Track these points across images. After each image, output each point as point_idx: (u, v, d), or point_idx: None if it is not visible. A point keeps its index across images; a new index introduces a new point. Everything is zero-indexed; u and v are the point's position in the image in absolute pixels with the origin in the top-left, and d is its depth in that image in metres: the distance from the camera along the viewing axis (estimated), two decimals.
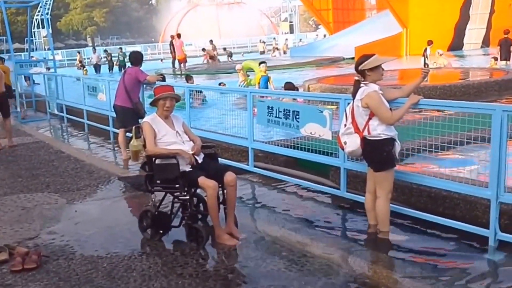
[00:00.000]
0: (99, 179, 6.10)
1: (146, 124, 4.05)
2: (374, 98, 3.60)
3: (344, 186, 4.60)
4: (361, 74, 3.72)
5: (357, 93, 3.68)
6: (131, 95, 6.99)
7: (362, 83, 3.70)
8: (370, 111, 3.62)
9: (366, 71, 3.69)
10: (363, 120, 3.66)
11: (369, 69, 3.68)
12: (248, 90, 5.77)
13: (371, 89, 3.66)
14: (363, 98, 3.62)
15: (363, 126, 3.65)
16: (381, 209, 3.75)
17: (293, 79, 11.50)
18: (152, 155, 3.97)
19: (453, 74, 13.64)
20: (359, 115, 3.67)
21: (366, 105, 3.62)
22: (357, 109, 3.69)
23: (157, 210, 4.05)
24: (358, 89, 3.69)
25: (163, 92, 4.08)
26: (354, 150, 3.69)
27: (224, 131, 6.49)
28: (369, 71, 3.69)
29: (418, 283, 3.23)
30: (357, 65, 3.73)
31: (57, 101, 11.55)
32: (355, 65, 3.79)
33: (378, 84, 3.74)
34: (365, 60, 3.70)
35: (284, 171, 5.65)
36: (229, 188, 3.97)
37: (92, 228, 4.42)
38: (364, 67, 3.69)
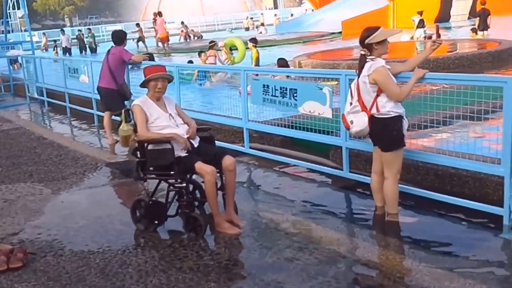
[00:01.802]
0: (85, 166, 5.79)
1: (137, 107, 3.75)
2: (383, 73, 3.36)
3: (346, 166, 4.39)
4: (367, 48, 3.45)
5: (363, 69, 3.42)
6: (116, 76, 6.64)
7: (368, 58, 3.44)
8: (378, 88, 3.38)
9: (373, 44, 3.43)
10: (371, 97, 3.41)
11: (376, 43, 3.43)
12: (242, 68, 5.46)
13: (378, 64, 3.41)
14: (370, 74, 3.37)
15: (370, 103, 3.41)
16: (390, 191, 3.55)
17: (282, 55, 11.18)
18: (144, 140, 3.68)
19: (443, 47, 13.45)
20: (366, 92, 3.43)
21: (373, 81, 3.37)
22: (363, 86, 3.45)
23: (151, 199, 3.79)
24: (364, 64, 3.43)
25: (154, 73, 3.77)
26: (361, 130, 3.46)
27: (215, 111, 6.21)
28: (376, 44, 3.44)
29: (434, 268, 3.05)
30: (363, 39, 3.47)
31: (37, 85, 11.07)
32: (360, 38, 3.52)
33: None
34: (370, 33, 3.44)
35: (281, 152, 5.41)
36: (227, 173, 3.73)
37: (81, 220, 4.14)
38: (371, 41, 3.43)
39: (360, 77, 3.46)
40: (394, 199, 3.57)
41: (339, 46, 16.98)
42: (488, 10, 15.31)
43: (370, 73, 3.37)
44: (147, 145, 3.69)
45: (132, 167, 5.55)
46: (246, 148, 5.50)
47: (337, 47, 16.60)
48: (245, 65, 10.51)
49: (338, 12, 24.08)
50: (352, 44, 17.23)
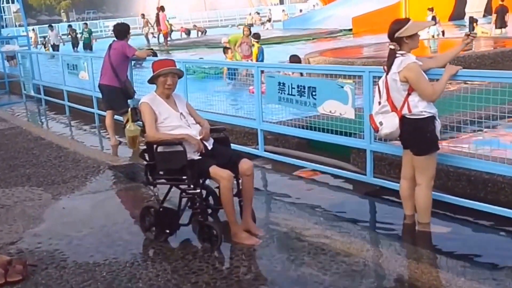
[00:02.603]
0: (87, 169, 5.63)
1: (145, 105, 3.59)
2: (414, 70, 3.19)
3: (370, 170, 4.22)
4: (397, 42, 3.29)
5: (393, 65, 3.25)
6: (118, 73, 6.50)
7: (398, 53, 3.27)
8: (409, 86, 3.21)
9: (404, 38, 3.26)
10: (401, 96, 3.25)
11: (407, 37, 3.26)
12: (256, 65, 5.30)
13: (409, 59, 3.25)
14: (401, 71, 3.20)
15: (401, 103, 3.25)
16: (422, 198, 3.38)
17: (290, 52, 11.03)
18: (154, 142, 3.52)
19: None
20: (396, 91, 3.26)
21: (404, 79, 3.20)
22: (393, 84, 3.28)
23: (161, 205, 3.63)
24: (394, 60, 3.26)
25: (163, 67, 3.61)
26: (392, 132, 3.29)
27: (225, 111, 6.04)
28: (407, 38, 3.28)
29: (473, 282, 2.89)
30: (393, 32, 3.30)
31: (33, 82, 10.94)
32: (389, 32, 3.34)
33: None
34: (400, 26, 3.28)
35: (298, 155, 5.25)
36: (245, 178, 3.57)
37: (84, 228, 3.98)
38: (402, 34, 3.26)
39: (389, 74, 3.29)
40: (427, 207, 3.41)
41: (350, 44, 16.88)
42: (506, 7, 15.17)
43: (401, 70, 3.20)
44: (157, 146, 3.53)
45: (137, 170, 5.49)
46: (261, 151, 5.34)
47: (348, 44, 16.50)
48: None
49: (348, 8, 23.97)
50: (364, 41, 17.16)
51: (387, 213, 3.92)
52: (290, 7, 43.89)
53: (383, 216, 3.91)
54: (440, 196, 3.76)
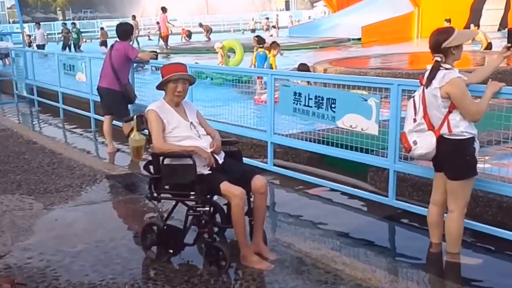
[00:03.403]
0: (82, 177, 5.46)
1: (152, 113, 3.44)
2: (459, 86, 3.03)
3: (393, 192, 4.06)
4: (442, 53, 3.13)
5: (435, 79, 3.10)
6: (119, 76, 6.35)
7: (442, 66, 3.12)
8: (450, 103, 3.06)
9: (451, 49, 3.11)
10: (441, 114, 3.09)
11: (454, 47, 3.12)
12: (269, 72, 5.16)
13: (453, 74, 3.08)
14: (443, 86, 3.05)
15: (440, 121, 3.09)
16: (454, 227, 3.22)
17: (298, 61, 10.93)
18: (160, 154, 3.37)
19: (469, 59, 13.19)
20: (435, 107, 3.11)
21: (446, 95, 3.04)
22: (432, 100, 3.11)
23: (165, 223, 3.46)
24: (436, 73, 3.11)
25: (173, 72, 3.46)
26: (427, 153, 3.13)
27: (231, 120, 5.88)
28: (454, 49, 3.13)
29: None
30: (439, 42, 3.12)
31: (27, 81, 10.79)
32: (433, 42, 3.18)
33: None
34: (447, 35, 3.11)
35: (310, 171, 5.10)
36: (257, 196, 3.40)
37: (79, 244, 3.81)
38: (449, 44, 3.10)
39: (428, 88, 3.14)
40: (458, 236, 3.24)
41: (360, 53, 16.81)
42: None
43: (443, 85, 3.05)
44: (163, 158, 3.37)
45: (136, 181, 5.33)
46: (270, 165, 5.18)
47: (358, 54, 16.42)
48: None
49: (358, 17, 23.93)
50: (373, 51, 17.11)
51: (411, 240, 3.76)
52: (296, 13, 43.99)
53: (407, 243, 3.74)
54: (469, 224, 3.60)
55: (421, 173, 3.90)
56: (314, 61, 12.57)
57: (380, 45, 19.71)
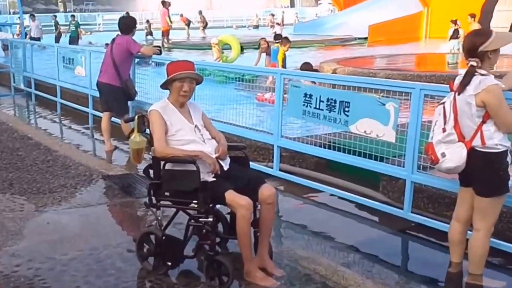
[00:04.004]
0: (78, 177, 5.24)
1: (155, 114, 3.21)
2: (496, 94, 2.78)
3: (409, 204, 3.83)
4: (479, 57, 2.89)
5: (469, 85, 2.85)
6: (120, 71, 6.12)
7: (478, 71, 2.87)
8: (485, 112, 2.81)
9: (488, 53, 2.87)
10: (473, 124, 2.85)
11: (492, 51, 2.88)
12: (279, 71, 4.92)
13: (490, 80, 2.83)
14: (479, 93, 2.79)
15: (472, 132, 2.85)
16: (479, 247, 2.99)
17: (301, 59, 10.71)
18: (162, 158, 3.14)
19: None
20: (468, 117, 2.86)
21: (482, 103, 2.79)
22: (465, 108, 2.86)
23: (164, 233, 3.23)
24: (471, 79, 2.86)
25: (180, 71, 3.23)
26: (457, 166, 2.89)
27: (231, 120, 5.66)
28: (491, 53, 2.88)
29: None
30: (476, 45, 2.87)
31: (24, 74, 10.56)
32: (468, 45, 2.93)
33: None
34: (485, 38, 2.86)
35: (317, 177, 4.88)
36: (265, 206, 3.18)
37: (71, 250, 3.59)
38: (487, 48, 2.86)
39: (461, 95, 2.89)
40: (482, 257, 3.02)
41: (367, 53, 16.55)
42: None
43: (479, 92, 2.79)
44: (165, 163, 3.15)
45: (134, 182, 5.10)
46: (275, 170, 4.95)
47: (365, 54, 16.16)
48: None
49: (364, 16, 23.65)
50: (380, 51, 16.86)
51: (429, 258, 3.53)
52: (301, 10, 43.70)
53: (424, 261, 3.51)
54: (493, 242, 3.36)
55: (439, 185, 3.68)
56: (319, 60, 12.35)
57: (387, 45, 19.45)
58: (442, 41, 16.70)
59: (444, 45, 15.66)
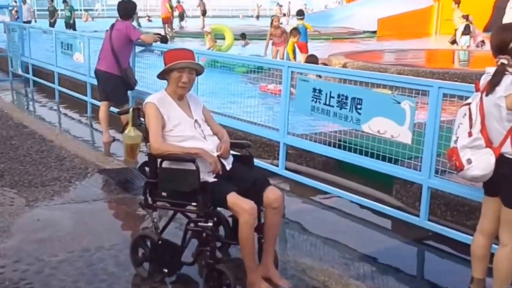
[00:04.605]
0: (72, 170, 5.01)
1: (151, 107, 2.97)
2: None
3: (425, 212, 3.58)
4: (510, 55, 2.62)
5: (499, 85, 2.60)
6: (119, 59, 5.89)
7: (508, 70, 2.61)
8: None
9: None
10: (503, 129, 2.60)
11: None
12: (286, 64, 4.67)
13: None
14: (511, 94, 2.55)
15: (501, 137, 2.60)
16: (505, 263, 2.74)
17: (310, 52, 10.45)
18: (158, 155, 2.91)
19: None
20: (496, 120, 2.61)
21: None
22: (494, 110, 2.61)
23: (161, 237, 3.01)
24: (501, 79, 2.61)
25: (178, 60, 2.99)
26: (484, 175, 2.64)
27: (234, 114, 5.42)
28: None
29: None
30: (506, 42, 2.63)
31: (22, 59, 10.32)
32: (497, 41, 2.68)
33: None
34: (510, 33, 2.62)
35: (325, 177, 4.64)
36: (270, 211, 2.94)
37: (61, 252, 3.37)
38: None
39: (489, 96, 2.64)
40: (509, 274, 2.77)
41: (376, 48, 16.26)
42: None
43: (511, 93, 2.55)
44: (162, 161, 2.92)
45: (132, 177, 4.87)
46: (281, 169, 4.71)
47: (374, 48, 15.86)
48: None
49: (374, 8, 23.30)
50: (391, 46, 16.52)
51: (447, 271, 3.30)
52: (309, 1, 43.20)
53: (442, 275, 3.27)
54: None
55: (459, 192, 3.44)
56: (326, 53, 12.06)
57: (397, 39, 19.12)
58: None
59: (457, 41, 15.29)
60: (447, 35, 19.29)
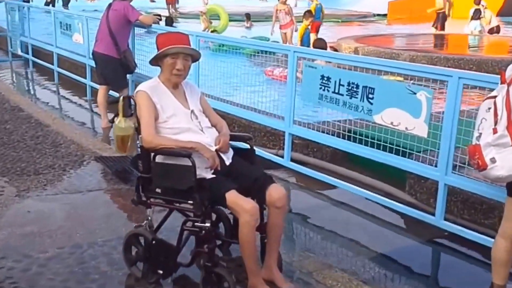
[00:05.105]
0: (68, 157, 4.81)
1: (143, 96, 2.73)
2: None
3: (441, 211, 3.35)
4: None
5: None
6: (118, 41, 5.65)
7: None
8: None
9: None
10: None
11: None
12: (292, 49, 4.39)
13: None
14: None
15: None
16: None
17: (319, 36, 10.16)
18: (151, 149, 2.69)
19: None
20: None
21: None
22: None
23: (155, 236, 2.80)
24: None
25: (172, 44, 2.74)
26: (509, 176, 2.42)
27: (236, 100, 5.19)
28: None
29: None
30: None
31: (21, 39, 10.08)
32: None
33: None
34: None
35: (334, 169, 4.42)
36: (273, 210, 2.72)
37: (51, 247, 3.17)
38: None
39: None
40: None
41: (387, 32, 15.86)
42: None
43: None
44: (155, 155, 2.70)
45: (130, 166, 4.66)
46: (286, 160, 4.48)
47: (385, 32, 15.47)
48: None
49: None
50: (402, 30, 16.12)
51: (466, 276, 3.09)
52: None
53: (460, 280, 3.06)
54: None
55: (478, 190, 3.20)
56: (335, 37, 11.72)
57: (408, 23, 18.66)
58: (465, 22, 15.89)
59: (467, 26, 14.90)
60: (459, 20, 18.83)
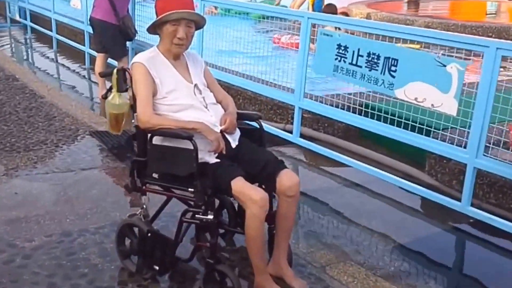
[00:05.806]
0: (61, 131, 4.48)
1: (139, 68, 2.36)
2: None
3: (468, 196, 3.00)
4: None
5: None
6: (116, 6, 5.24)
7: None
8: None
9: None
10: None
11: None
12: (306, 15, 3.96)
13: None
14: None
15: None
16: None
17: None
18: (148, 129, 2.33)
19: None
20: None
21: None
22: None
23: (150, 228, 2.47)
24: None
25: (172, 9, 2.34)
26: None
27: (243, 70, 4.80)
28: None
29: None
30: None
31: (19, 4, 9.62)
32: None
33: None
34: None
35: (346, 147, 4.06)
36: (284, 199, 2.38)
37: (38, 235, 2.86)
38: None
39: None
40: None
41: None
42: None
43: None
44: (152, 136, 2.34)
45: (129, 142, 4.31)
46: (295, 137, 4.12)
47: None
48: None
49: None
50: None
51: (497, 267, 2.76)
52: None
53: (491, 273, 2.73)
54: None
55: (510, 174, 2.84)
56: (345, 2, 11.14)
57: None
58: None
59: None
60: None
